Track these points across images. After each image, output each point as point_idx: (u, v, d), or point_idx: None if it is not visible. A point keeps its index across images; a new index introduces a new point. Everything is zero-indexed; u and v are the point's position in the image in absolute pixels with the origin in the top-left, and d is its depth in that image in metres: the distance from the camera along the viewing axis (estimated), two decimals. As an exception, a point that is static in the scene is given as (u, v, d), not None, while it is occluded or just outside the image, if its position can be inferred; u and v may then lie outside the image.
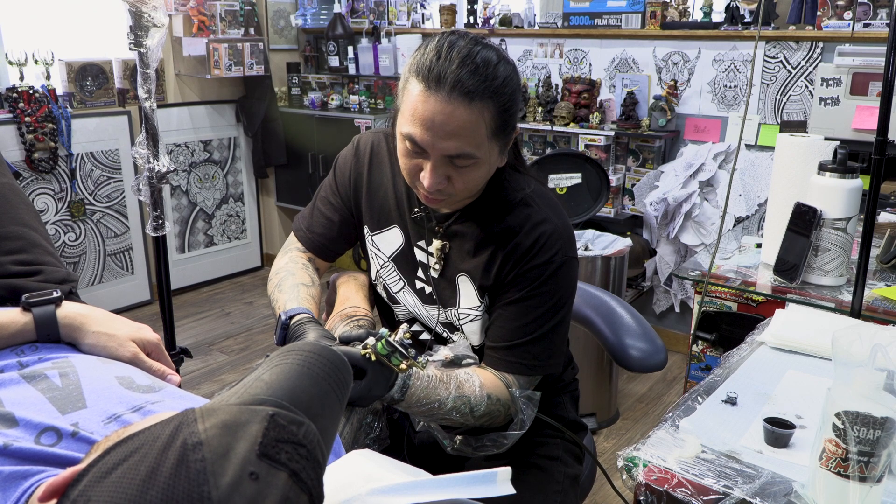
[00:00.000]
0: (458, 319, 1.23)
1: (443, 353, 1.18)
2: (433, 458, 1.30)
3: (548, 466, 1.26)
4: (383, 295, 1.32)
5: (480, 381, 1.13)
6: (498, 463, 1.23)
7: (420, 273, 1.26)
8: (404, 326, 1.00)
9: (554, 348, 1.19)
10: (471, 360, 1.19)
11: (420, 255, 1.25)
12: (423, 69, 1.04)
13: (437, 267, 1.23)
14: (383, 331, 0.98)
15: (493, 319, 1.20)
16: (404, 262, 1.26)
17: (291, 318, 1.12)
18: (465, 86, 1.01)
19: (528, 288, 1.16)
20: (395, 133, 1.13)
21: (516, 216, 1.18)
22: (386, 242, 1.28)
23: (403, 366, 0.98)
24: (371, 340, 0.98)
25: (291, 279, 1.25)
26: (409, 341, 0.99)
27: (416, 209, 1.23)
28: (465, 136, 1.04)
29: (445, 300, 1.23)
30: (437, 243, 1.22)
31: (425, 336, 1.29)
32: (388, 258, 1.28)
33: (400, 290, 1.28)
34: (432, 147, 1.05)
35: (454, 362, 1.17)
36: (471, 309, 1.22)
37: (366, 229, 1.30)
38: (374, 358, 0.97)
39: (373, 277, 1.32)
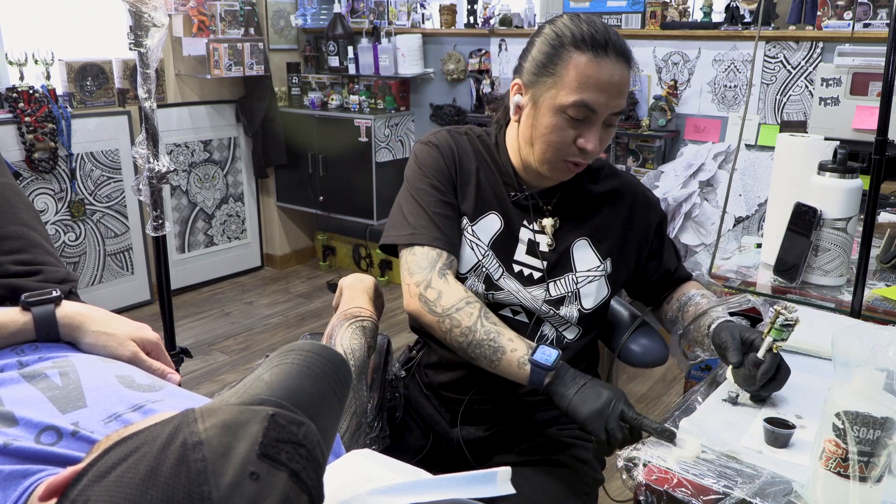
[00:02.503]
0: (577, 284, 1.28)
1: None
2: (479, 452, 1.31)
3: (578, 468, 1.27)
4: (479, 287, 1.27)
5: (692, 289, 1.36)
6: (530, 461, 1.25)
7: (518, 256, 1.28)
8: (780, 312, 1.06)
9: None
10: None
11: (526, 235, 1.28)
12: (584, 40, 1.14)
13: (550, 243, 1.28)
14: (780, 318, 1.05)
15: (665, 262, 1.36)
16: (501, 247, 1.28)
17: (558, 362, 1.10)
18: (623, 49, 1.16)
19: (663, 231, 1.37)
20: (538, 116, 1.19)
21: (611, 181, 1.35)
22: (484, 230, 1.28)
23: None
24: (769, 339, 1.05)
25: (485, 310, 1.18)
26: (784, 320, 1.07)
27: (514, 193, 1.29)
28: (626, 94, 1.19)
29: (560, 270, 1.28)
30: (549, 221, 1.28)
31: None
32: (488, 246, 1.28)
33: (501, 277, 1.27)
34: (606, 107, 1.15)
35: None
36: (589, 271, 1.28)
37: (463, 221, 1.29)
38: (775, 349, 1.06)
39: (464, 271, 1.27)
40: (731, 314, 1.24)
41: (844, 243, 1.51)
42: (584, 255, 1.28)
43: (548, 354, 1.09)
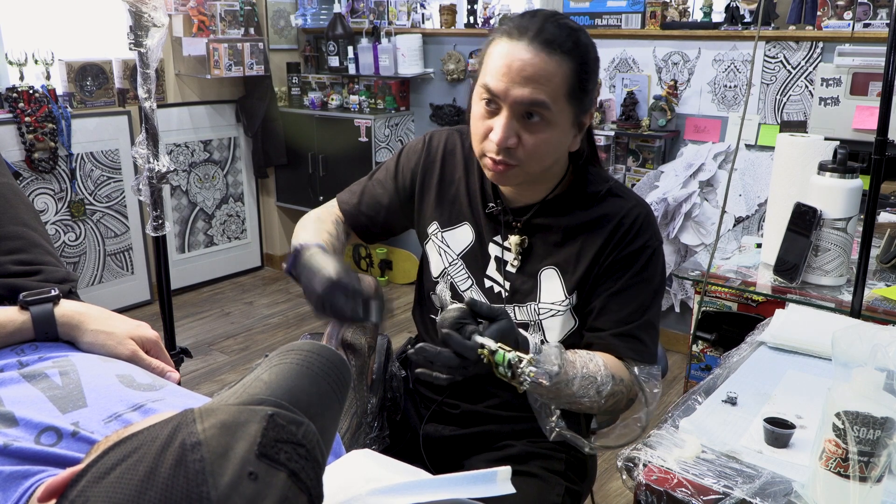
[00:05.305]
0: (538, 315, 1.21)
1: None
2: (445, 453, 1.30)
3: (549, 478, 1.24)
4: (446, 295, 1.28)
5: (604, 361, 1.12)
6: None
7: (490, 271, 1.24)
8: (528, 358, 0.97)
9: (656, 334, 1.21)
10: None
11: (495, 251, 1.23)
12: (508, 26, 1.08)
13: (515, 263, 1.22)
14: (516, 355, 0.96)
15: (598, 309, 1.18)
16: (473, 260, 1.25)
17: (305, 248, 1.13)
18: (546, 35, 1.05)
19: (629, 275, 1.17)
20: (471, 105, 1.14)
21: (607, 205, 1.19)
22: (456, 240, 1.27)
23: (503, 375, 0.97)
24: (492, 345, 0.96)
25: (319, 225, 1.27)
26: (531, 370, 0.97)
27: (491, 204, 1.23)
28: (541, 83, 1.05)
29: (523, 296, 1.22)
30: (515, 238, 1.21)
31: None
32: (458, 256, 1.26)
33: (467, 289, 1.26)
34: (507, 94, 1.05)
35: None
36: (553, 304, 1.20)
37: (434, 226, 1.28)
38: (486, 360, 0.97)
39: (435, 275, 1.29)
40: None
41: (844, 243, 1.50)
42: (551, 287, 1.20)
43: (289, 261, 1.12)
